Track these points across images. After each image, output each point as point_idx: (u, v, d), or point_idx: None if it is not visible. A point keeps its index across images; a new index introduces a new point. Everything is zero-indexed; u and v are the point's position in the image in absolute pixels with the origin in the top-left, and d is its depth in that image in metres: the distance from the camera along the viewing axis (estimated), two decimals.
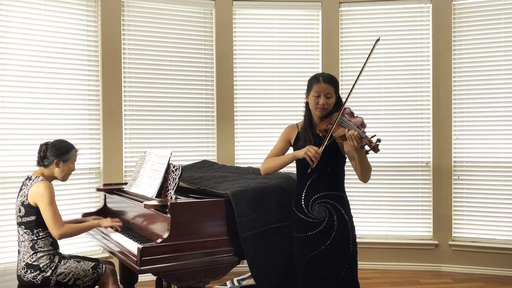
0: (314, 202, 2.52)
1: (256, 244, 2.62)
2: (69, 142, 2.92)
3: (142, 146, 4.47)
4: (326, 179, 2.52)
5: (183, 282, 2.48)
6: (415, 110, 4.76)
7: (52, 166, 2.83)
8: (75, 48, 4.25)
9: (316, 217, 2.51)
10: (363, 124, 2.37)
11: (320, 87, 2.52)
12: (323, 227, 2.49)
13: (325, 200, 2.51)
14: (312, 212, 2.52)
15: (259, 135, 4.83)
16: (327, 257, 2.49)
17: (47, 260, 2.75)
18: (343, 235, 2.50)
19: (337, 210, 2.51)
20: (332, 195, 2.52)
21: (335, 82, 2.57)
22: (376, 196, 4.77)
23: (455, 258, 4.64)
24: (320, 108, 2.52)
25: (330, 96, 2.52)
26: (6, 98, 3.93)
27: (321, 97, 2.51)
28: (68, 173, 2.90)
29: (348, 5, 4.81)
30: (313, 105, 2.56)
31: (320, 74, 2.59)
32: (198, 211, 2.55)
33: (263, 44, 4.86)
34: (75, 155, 2.93)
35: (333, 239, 2.48)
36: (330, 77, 2.56)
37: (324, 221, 2.49)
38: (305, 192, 2.54)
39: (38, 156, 2.87)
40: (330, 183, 2.53)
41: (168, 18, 4.63)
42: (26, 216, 2.76)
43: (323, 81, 2.53)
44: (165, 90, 4.62)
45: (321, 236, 2.50)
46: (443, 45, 4.65)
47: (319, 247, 2.50)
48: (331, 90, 2.52)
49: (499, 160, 4.53)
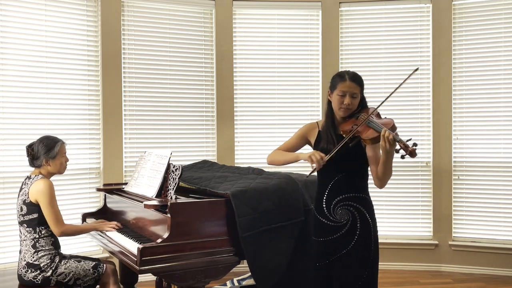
0: (337, 204, 2.39)
1: (256, 244, 2.61)
2: (53, 137, 2.89)
3: (142, 146, 4.47)
4: (349, 181, 2.38)
5: (183, 282, 2.48)
6: (415, 110, 4.76)
7: (44, 165, 2.84)
8: (75, 48, 4.25)
9: (339, 220, 2.38)
10: (394, 127, 2.24)
11: (345, 86, 2.36)
12: (345, 231, 2.37)
13: (348, 203, 2.37)
14: (334, 215, 2.39)
15: (259, 135, 4.83)
16: (347, 263, 2.37)
17: (48, 260, 2.75)
18: (365, 240, 2.37)
19: (361, 213, 2.37)
20: (355, 197, 2.38)
21: (361, 82, 2.42)
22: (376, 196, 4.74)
23: (455, 258, 4.64)
24: (345, 108, 2.37)
25: (355, 97, 2.37)
26: (6, 98, 3.93)
27: (346, 97, 2.36)
28: (62, 166, 2.89)
29: (348, 5, 4.81)
30: (336, 105, 2.39)
31: (346, 72, 2.41)
32: (198, 211, 2.55)
33: (263, 44, 4.86)
34: (63, 147, 2.89)
35: (355, 244, 2.36)
36: (356, 76, 2.40)
37: (347, 225, 2.36)
38: (327, 194, 2.41)
39: (28, 159, 2.87)
40: (354, 185, 2.39)
41: (168, 18, 4.63)
42: (28, 214, 2.77)
43: (349, 79, 2.36)
44: (165, 90, 4.62)
45: (342, 241, 2.37)
46: (443, 45, 4.65)
47: (340, 252, 2.38)
48: (357, 90, 2.38)
49: (499, 160, 4.53)
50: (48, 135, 2.92)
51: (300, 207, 2.80)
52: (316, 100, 4.84)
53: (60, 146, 2.87)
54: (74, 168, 4.11)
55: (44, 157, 2.82)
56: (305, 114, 4.80)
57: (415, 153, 2.11)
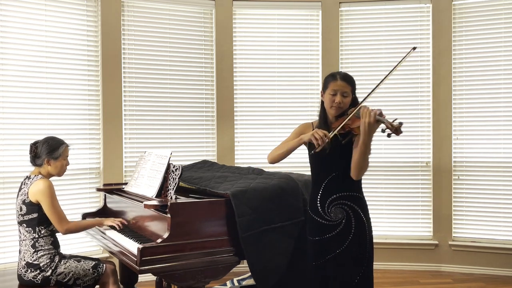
0: (331, 203, 2.43)
1: (256, 244, 2.61)
2: (59, 139, 2.90)
3: (142, 146, 4.47)
4: (343, 180, 2.42)
5: (183, 282, 2.48)
6: (415, 110, 4.76)
7: (44, 165, 2.84)
8: (75, 48, 4.25)
9: (333, 219, 2.42)
10: (381, 114, 2.28)
11: (336, 85, 2.42)
12: (339, 230, 2.41)
13: (342, 202, 2.42)
14: (329, 214, 2.43)
15: (259, 135, 4.83)
16: (343, 261, 2.41)
17: (48, 260, 2.75)
18: (360, 238, 2.41)
19: (355, 211, 2.42)
20: (349, 196, 2.42)
21: (352, 82, 2.48)
22: (376, 196, 4.76)
23: (455, 258, 4.64)
24: (336, 107, 2.42)
25: (346, 95, 2.43)
26: (6, 98, 3.93)
27: (337, 95, 2.41)
28: (62, 169, 2.89)
29: (348, 5, 4.81)
30: (328, 103, 2.45)
31: (338, 73, 2.49)
32: (198, 211, 2.55)
33: (263, 44, 4.86)
34: (66, 151, 2.90)
35: (350, 242, 2.40)
36: (347, 76, 2.48)
37: (341, 224, 2.41)
38: (321, 193, 2.46)
39: (30, 156, 2.86)
40: (348, 184, 2.42)
41: (168, 18, 4.63)
42: (28, 214, 2.76)
43: (340, 79, 2.43)
44: (165, 90, 4.62)
45: (337, 239, 2.41)
46: (443, 45, 4.65)
47: (335, 250, 2.42)
48: (348, 89, 2.43)
49: (499, 160, 4.53)
50: (54, 136, 2.92)
51: (300, 207, 2.80)
52: (316, 100, 4.84)
53: (64, 148, 2.88)
54: (74, 168, 4.11)
55: (47, 156, 2.81)
56: (305, 114, 4.79)
57: (400, 131, 2.16)
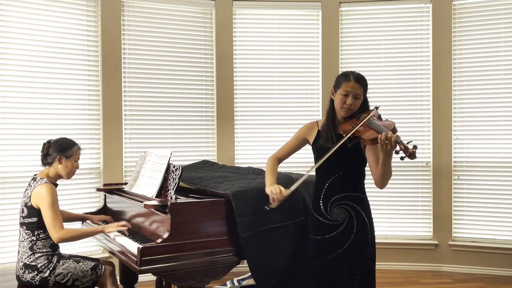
0: (333, 203, 2.42)
1: (256, 244, 2.61)
2: (72, 140, 2.91)
3: (142, 146, 4.47)
4: (346, 180, 2.42)
5: (183, 282, 2.48)
6: (415, 110, 4.76)
7: (55, 163, 2.82)
8: (75, 48, 4.25)
9: (335, 219, 2.42)
10: (395, 130, 2.24)
11: (349, 86, 2.37)
12: (342, 229, 2.41)
13: (345, 202, 2.41)
14: (331, 214, 2.43)
15: (259, 135, 4.83)
16: (345, 260, 2.41)
17: (45, 261, 2.74)
18: (362, 238, 2.41)
19: (357, 212, 2.41)
20: (352, 197, 2.42)
21: (365, 83, 2.43)
22: (376, 196, 4.75)
23: (455, 258, 4.64)
24: (346, 108, 2.39)
25: (358, 97, 2.39)
26: (6, 98, 3.93)
27: (349, 97, 2.37)
28: (71, 170, 2.87)
29: (348, 5, 4.81)
30: (339, 104, 2.41)
31: (351, 73, 2.43)
32: (198, 211, 2.55)
33: (263, 44, 4.86)
34: (78, 152, 2.90)
35: (352, 242, 2.40)
36: (361, 77, 2.42)
37: (343, 223, 2.41)
38: (324, 193, 2.45)
39: (41, 154, 2.86)
40: (351, 184, 2.42)
41: (168, 18, 4.63)
42: (28, 217, 2.76)
43: (354, 80, 2.38)
44: (165, 90, 4.61)
45: (339, 239, 2.41)
46: (443, 45, 4.65)
47: (337, 249, 2.41)
48: (360, 91, 2.38)
49: (499, 160, 4.53)
50: (68, 137, 2.92)
51: (300, 207, 2.80)
52: (316, 100, 4.84)
53: (77, 149, 2.88)
54: None
55: (59, 154, 2.80)
56: (305, 114, 4.80)
57: (415, 156, 2.11)
